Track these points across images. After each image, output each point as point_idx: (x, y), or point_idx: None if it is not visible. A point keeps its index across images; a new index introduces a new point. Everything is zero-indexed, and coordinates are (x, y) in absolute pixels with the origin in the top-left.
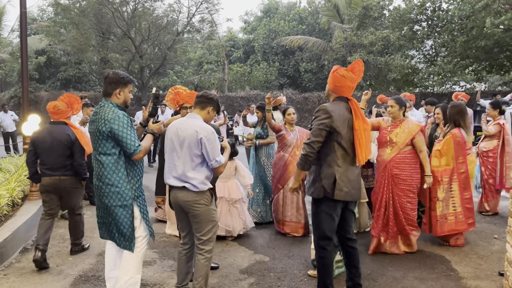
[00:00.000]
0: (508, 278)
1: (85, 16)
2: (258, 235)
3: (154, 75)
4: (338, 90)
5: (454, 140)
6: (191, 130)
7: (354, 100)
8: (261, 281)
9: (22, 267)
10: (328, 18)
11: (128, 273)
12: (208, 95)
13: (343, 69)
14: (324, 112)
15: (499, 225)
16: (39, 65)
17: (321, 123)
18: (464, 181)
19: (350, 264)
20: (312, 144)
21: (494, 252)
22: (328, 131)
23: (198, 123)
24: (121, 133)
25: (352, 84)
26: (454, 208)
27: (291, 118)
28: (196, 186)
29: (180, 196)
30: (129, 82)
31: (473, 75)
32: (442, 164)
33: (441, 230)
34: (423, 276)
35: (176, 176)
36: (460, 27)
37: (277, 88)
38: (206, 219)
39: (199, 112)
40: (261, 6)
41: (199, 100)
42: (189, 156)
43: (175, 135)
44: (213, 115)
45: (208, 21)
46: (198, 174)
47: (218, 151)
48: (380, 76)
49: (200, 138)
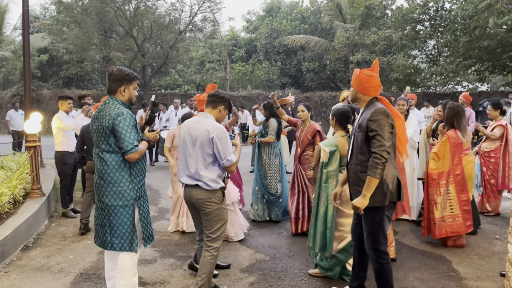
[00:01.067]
0: (509, 278)
1: (88, 15)
2: (259, 235)
3: (156, 74)
4: (367, 90)
5: (450, 142)
6: (203, 130)
7: (384, 98)
8: (262, 280)
9: (23, 264)
10: (330, 17)
11: (124, 278)
12: (220, 94)
13: (367, 70)
14: (386, 115)
15: (501, 226)
16: (41, 63)
17: (388, 126)
18: (460, 183)
19: (362, 265)
20: (388, 149)
21: (495, 253)
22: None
23: (210, 122)
24: (121, 129)
25: (379, 83)
26: (452, 210)
27: (299, 115)
28: (209, 184)
29: (193, 194)
30: (134, 79)
31: (475, 75)
32: (439, 167)
33: (439, 233)
34: (424, 276)
35: (189, 175)
36: (463, 27)
37: (279, 87)
38: (216, 218)
39: (211, 111)
40: (263, 5)
41: (211, 99)
42: (201, 155)
43: (188, 135)
44: (225, 113)
45: (210, 20)
46: (210, 173)
47: (229, 150)
48: (382, 75)
49: (212, 138)
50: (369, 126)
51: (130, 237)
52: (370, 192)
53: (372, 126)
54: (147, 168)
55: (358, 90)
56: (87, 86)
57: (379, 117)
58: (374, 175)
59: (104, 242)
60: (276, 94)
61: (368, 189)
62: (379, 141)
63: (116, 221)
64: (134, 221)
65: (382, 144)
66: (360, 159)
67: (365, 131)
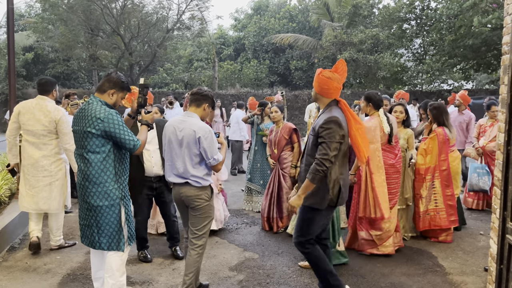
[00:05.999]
0: (492, 273)
1: (74, 13)
2: (248, 233)
3: (144, 73)
4: (325, 92)
5: (438, 138)
6: (189, 130)
7: (343, 101)
8: (251, 278)
9: (9, 265)
10: (318, 16)
11: (113, 277)
12: (203, 91)
13: (327, 71)
14: (337, 124)
15: (485, 221)
16: (26, 61)
17: (337, 136)
18: (446, 178)
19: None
20: (331, 159)
21: (479, 248)
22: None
23: (196, 122)
24: (118, 133)
25: (339, 85)
26: (436, 204)
27: (273, 116)
28: (198, 181)
29: (183, 191)
30: (126, 88)
31: (461, 74)
32: (426, 162)
33: (423, 225)
34: (410, 271)
35: (177, 174)
36: (448, 26)
37: (268, 86)
38: (204, 214)
39: (195, 110)
40: (251, 4)
41: (194, 97)
42: (188, 155)
43: (174, 135)
44: (209, 111)
45: (198, 19)
46: (198, 171)
47: (215, 149)
48: (369, 74)
49: (198, 137)
50: (319, 133)
51: (118, 236)
52: (304, 194)
53: (322, 134)
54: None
55: (317, 91)
56: (74, 85)
57: (330, 126)
58: (312, 181)
59: (92, 242)
60: (265, 93)
61: (304, 190)
62: (324, 150)
63: (103, 221)
64: (121, 220)
65: (326, 153)
66: (309, 161)
67: (316, 136)
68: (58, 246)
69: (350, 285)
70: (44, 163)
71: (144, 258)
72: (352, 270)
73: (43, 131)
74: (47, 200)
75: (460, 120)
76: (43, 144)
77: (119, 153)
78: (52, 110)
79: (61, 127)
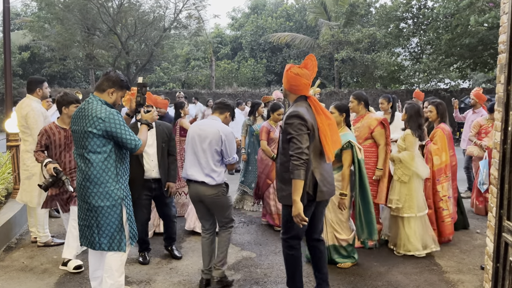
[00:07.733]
0: (488, 271)
1: (70, 11)
2: (245, 232)
3: (141, 72)
4: (294, 89)
5: (444, 133)
6: (214, 129)
7: (312, 97)
8: (248, 277)
9: (6, 265)
10: (315, 15)
11: (111, 277)
12: (226, 102)
13: (296, 67)
14: (298, 117)
15: (482, 220)
16: (22, 61)
17: (302, 128)
18: (454, 172)
19: (316, 266)
20: (306, 150)
21: (476, 247)
22: (308, 134)
23: (220, 124)
24: (119, 133)
25: (307, 81)
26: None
27: (280, 118)
28: (215, 179)
29: (201, 191)
30: (126, 87)
31: (457, 73)
32: (443, 161)
33: (449, 230)
34: (407, 270)
35: (199, 171)
36: (445, 25)
37: (265, 85)
38: (226, 206)
39: (218, 115)
40: (248, 3)
41: (218, 106)
42: (210, 152)
43: (197, 134)
44: (229, 120)
45: (195, 17)
46: (217, 168)
47: (234, 150)
48: (366, 73)
49: (221, 136)
50: (286, 130)
51: (119, 237)
52: (299, 195)
53: (288, 130)
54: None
55: (286, 88)
56: (70, 84)
57: (292, 120)
58: (298, 178)
59: (92, 243)
60: (262, 92)
61: (296, 193)
62: (296, 144)
63: (104, 222)
64: (122, 220)
65: (298, 146)
66: (281, 160)
67: (284, 133)
68: (44, 243)
69: (347, 283)
70: (23, 157)
71: (143, 259)
72: (349, 268)
73: (21, 127)
74: (27, 193)
75: (473, 119)
76: (23, 140)
77: (120, 153)
78: (24, 106)
79: (29, 123)
